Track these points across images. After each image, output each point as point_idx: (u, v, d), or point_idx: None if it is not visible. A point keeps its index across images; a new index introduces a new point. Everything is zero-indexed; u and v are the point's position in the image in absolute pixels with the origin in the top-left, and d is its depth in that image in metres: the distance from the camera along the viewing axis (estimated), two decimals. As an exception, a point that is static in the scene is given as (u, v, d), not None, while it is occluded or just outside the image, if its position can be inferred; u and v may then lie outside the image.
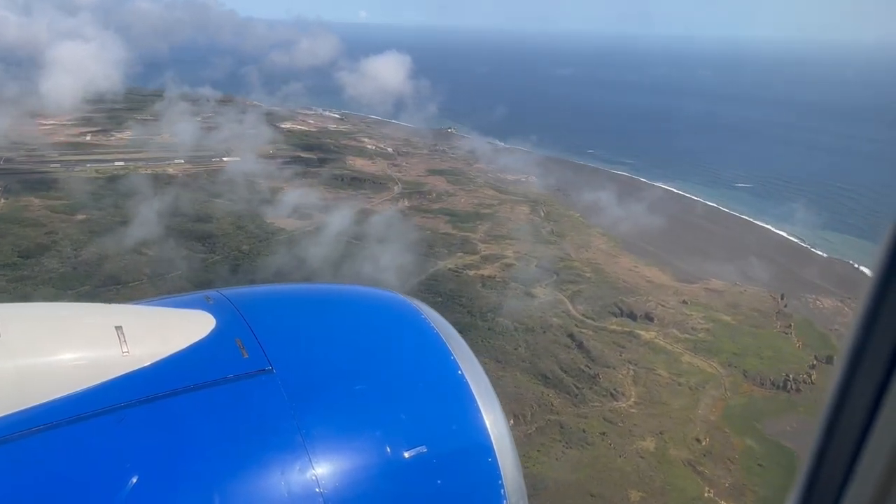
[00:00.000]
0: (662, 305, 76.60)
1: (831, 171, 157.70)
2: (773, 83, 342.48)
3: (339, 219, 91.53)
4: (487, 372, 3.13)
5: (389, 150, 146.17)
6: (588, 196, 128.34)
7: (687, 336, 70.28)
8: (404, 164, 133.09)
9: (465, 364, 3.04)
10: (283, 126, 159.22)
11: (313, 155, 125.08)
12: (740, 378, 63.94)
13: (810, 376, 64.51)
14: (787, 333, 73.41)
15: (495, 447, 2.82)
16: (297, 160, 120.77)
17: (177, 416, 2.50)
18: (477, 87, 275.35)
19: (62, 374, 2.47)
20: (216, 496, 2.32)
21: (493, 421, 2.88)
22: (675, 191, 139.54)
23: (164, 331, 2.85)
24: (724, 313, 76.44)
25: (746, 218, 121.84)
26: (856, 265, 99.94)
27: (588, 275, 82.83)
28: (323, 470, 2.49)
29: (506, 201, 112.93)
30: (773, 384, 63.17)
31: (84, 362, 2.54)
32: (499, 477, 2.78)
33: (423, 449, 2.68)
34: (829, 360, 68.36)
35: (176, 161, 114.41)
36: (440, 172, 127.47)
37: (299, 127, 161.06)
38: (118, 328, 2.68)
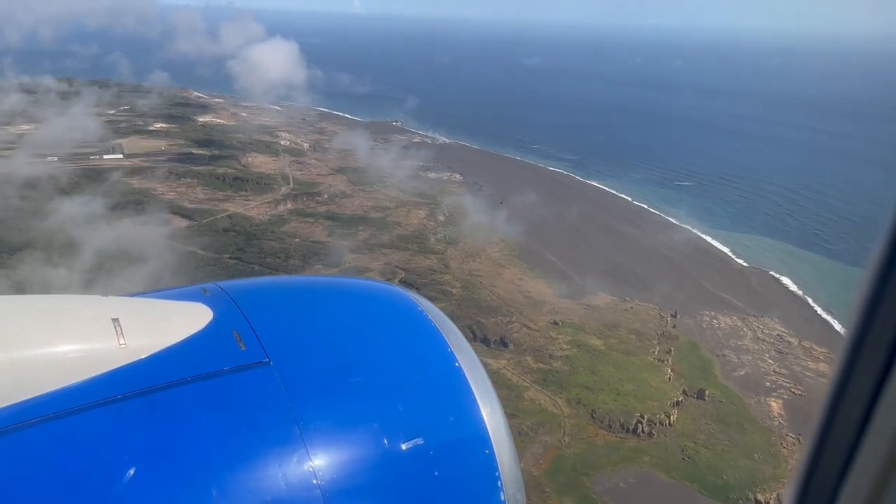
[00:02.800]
0: (528, 327, 67.92)
1: (783, 167, 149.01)
2: (750, 74, 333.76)
3: (193, 225, 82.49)
4: (485, 365, 3.11)
5: (305, 145, 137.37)
6: (508, 196, 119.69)
7: (541, 365, 61.60)
8: (313, 161, 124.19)
9: (461, 356, 3.01)
10: (199, 119, 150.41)
11: (207, 151, 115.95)
12: (586, 419, 55.25)
13: (669, 417, 55.87)
14: (662, 361, 64.76)
15: (492, 439, 2.80)
16: (186, 157, 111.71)
17: (174, 408, 2.47)
18: (433, 78, 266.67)
19: (59, 367, 2.44)
20: (214, 488, 2.30)
21: (490, 413, 2.86)
22: (607, 189, 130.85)
23: (161, 323, 2.81)
24: (596, 336, 67.80)
25: (672, 220, 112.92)
26: (776, 275, 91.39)
27: (454, 290, 74.04)
28: (320, 462, 2.46)
29: (406, 203, 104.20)
30: (622, 427, 54.47)
31: (81, 355, 2.51)
32: (495, 468, 2.76)
33: (420, 441, 2.66)
34: (701, 394, 59.84)
35: (48, 159, 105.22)
36: (348, 170, 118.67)
37: (217, 120, 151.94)
38: (115, 320, 2.65)
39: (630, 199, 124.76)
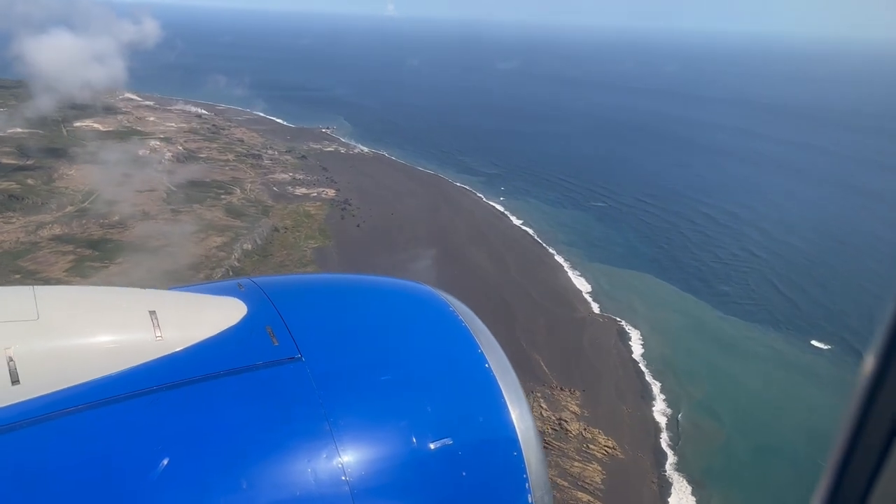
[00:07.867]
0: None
1: (720, 187, 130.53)
2: (754, 82, 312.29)
3: None
4: (514, 366, 3.06)
5: (168, 155, 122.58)
6: (374, 218, 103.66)
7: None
8: (156, 174, 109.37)
9: (492, 357, 3.01)
10: (75, 124, 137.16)
11: (19, 162, 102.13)
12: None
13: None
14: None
15: (521, 441, 2.80)
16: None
17: (207, 401, 2.53)
18: (403, 80, 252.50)
19: (97, 357, 2.50)
20: (244, 481, 2.35)
21: (519, 415, 2.86)
22: (500, 211, 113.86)
23: (197, 317, 2.86)
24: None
25: (549, 250, 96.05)
26: (625, 327, 73.63)
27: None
28: (349, 458, 2.50)
29: (215, 227, 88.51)
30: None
31: (118, 346, 2.57)
32: (524, 470, 2.77)
33: (448, 441, 2.68)
34: None
35: None
36: (187, 185, 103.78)
37: (95, 126, 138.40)
38: (152, 313, 2.71)
39: (519, 223, 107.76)
